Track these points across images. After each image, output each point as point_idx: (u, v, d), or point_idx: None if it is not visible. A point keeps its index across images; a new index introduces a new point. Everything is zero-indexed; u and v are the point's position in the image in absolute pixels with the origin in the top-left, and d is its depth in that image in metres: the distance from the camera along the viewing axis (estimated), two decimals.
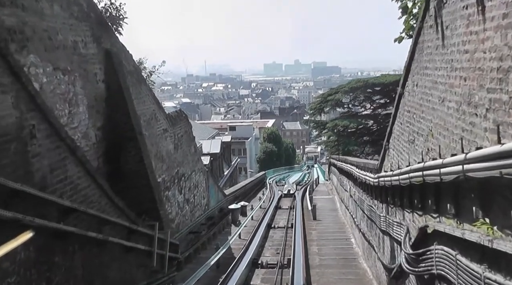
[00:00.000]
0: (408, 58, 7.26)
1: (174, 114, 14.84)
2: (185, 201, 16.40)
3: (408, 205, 7.43)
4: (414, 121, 6.98)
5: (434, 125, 5.85)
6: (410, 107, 7.27)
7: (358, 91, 46.33)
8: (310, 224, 22.14)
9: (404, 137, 7.78)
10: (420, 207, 6.62)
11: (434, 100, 5.80)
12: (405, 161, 7.77)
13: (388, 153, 9.55)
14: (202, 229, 18.73)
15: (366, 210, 13.19)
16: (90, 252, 6.78)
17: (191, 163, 17.17)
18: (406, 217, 7.81)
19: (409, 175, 6.53)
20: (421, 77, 6.55)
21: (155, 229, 9.22)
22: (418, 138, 6.75)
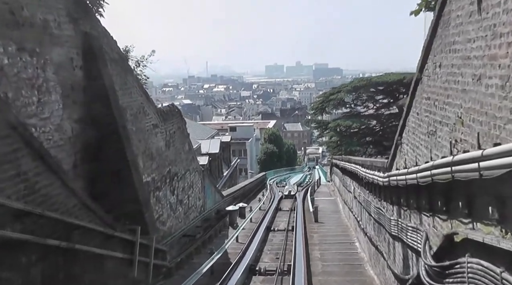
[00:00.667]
0: (428, 36, 6.21)
1: (165, 108, 13.80)
2: (178, 202, 15.35)
3: (428, 207, 6.38)
4: (436, 109, 5.92)
5: (466, 110, 4.79)
6: (431, 93, 6.21)
7: (361, 90, 45.24)
8: (312, 227, 21.08)
9: (422, 129, 6.73)
10: (444, 210, 5.57)
11: (466, 79, 4.75)
12: (423, 156, 6.72)
13: (400, 149, 8.50)
14: (197, 232, 17.67)
15: (373, 212, 12.14)
16: (54, 263, 5.74)
17: (185, 162, 16.12)
18: (424, 221, 6.75)
19: (430, 172, 5.48)
20: (445, 56, 5.49)
21: (137, 234, 8.16)
22: (442, 129, 5.70)
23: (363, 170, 13.74)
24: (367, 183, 13.29)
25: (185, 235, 16.15)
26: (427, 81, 6.36)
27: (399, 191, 8.39)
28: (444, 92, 5.55)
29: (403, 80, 43.55)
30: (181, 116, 15.56)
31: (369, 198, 13.23)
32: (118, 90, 10.13)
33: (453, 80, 5.21)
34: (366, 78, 45.02)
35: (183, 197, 15.95)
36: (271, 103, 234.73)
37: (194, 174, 17.62)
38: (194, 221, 17.51)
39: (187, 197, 16.58)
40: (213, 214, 21.63)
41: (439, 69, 5.77)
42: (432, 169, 5.45)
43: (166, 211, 13.95)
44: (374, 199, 12.19)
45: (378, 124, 49.08)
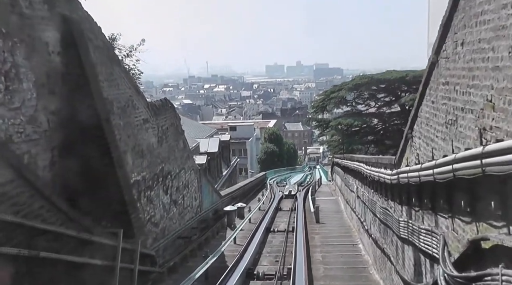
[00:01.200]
0: (447, 11, 5.41)
1: (157, 103, 12.99)
2: (172, 203, 14.55)
3: (446, 208, 5.59)
4: (457, 94, 5.12)
5: (498, 91, 4.00)
6: (450, 77, 5.41)
7: (362, 88, 44.45)
8: (313, 228, 20.28)
9: (438, 119, 5.93)
10: (469, 211, 4.77)
11: (499, 54, 3.95)
12: (439, 150, 5.92)
13: (411, 144, 7.69)
14: (193, 234, 16.88)
15: (379, 213, 11.34)
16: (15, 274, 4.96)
17: (179, 160, 15.32)
18: (440, 223, 5.95)
19: (452, 166, 4.69)
20: (470, 31, 4.69)
21: (119, 238, 7.36)
22: (465, 116, 4.90)
23: (367, 168, 12.94)
24: (371, 181, 12.50)
25: (180, 236, 15.37)
26: (445, 64, 5.56)
27: (410, 190, 7.60)
28: (468, 74, 4.75)
29: (406, 77, 42.78)
30: (175, 111, 14.76)
31: (374, 197, 12.43)
32: (103, 81, 9.35)
33: (480, 58, 4.42)
34: (367, 76, 44.19)
35: (177, 197, 15.16)
36: (272, 103, 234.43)
37: (189, 173, 16.83)
38: (189, 222, 16.72)
39: (182, 197, 15.79)
40: (210, 214, 20.83)
41: (461, 47, 4.97)
42: (454, 163, 4.66)
43: (158, 211, 13.16)
44: (379, 198, 11.39)
45: (379, 122, 48.27)
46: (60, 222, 5.96)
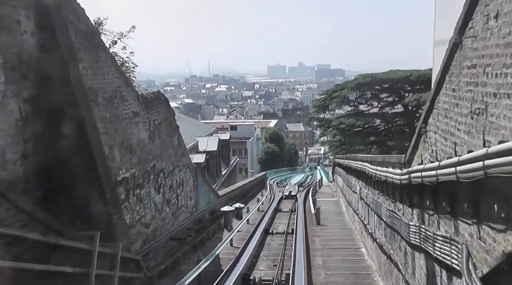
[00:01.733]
0: None
1: (149, 95, 12.16)
2: (165, 202, 13.75)
3: (471, 212, 4.78)
4: (488, 77, 4.31)
5: None
6: (478, 59, 4.60)
7: (365, 87, 43.68)
8: (313, 230, 19.47)
9: (461, 109, 5.11)
10: (503, 218, 3.96)
11: None
12: (462, 145, 5.11)
13: (425, 140, 6.88)
14: (187, 235, 16.07)
15: (385, 216, 10.52)
16: None
17: (174, 157, 14.52)
18: (462, 230, 5.14)
19: (483, 163, 3.89)
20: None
21: (95, 242, 6.55)
22: (498, 103, 4.09)
23: (372, 167, 12.12)
24: (377, 182, 11.69)
25: (174, 238, 14.56)
26: (472, 43, 4.74)
27: (423, 191, 6.78)
28: (505, 51, 3.93)
29: (410, 77, 41.95)
30: (169, 105, 13.93)
31: (379, 199, 11.62)
32: (87, 68, 8.53)
33: None
34: (370, 75, 43.35)
35: (171, 196, 14.36)
36: (273, 103, 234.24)
37: (184, 171, 16.03)
38: (184, 222, 15.91)
39: (176, 196, 14.99)
40: (207, 215, 20.03)
41: (494, 21, 4.16)
42: (485, 159, 3.86)
43: (149, 211, 12.35)
44: (386, 200, 10.58)
45: (382, 123, 47.44)
46: (21, 224, 5.17)
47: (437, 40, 14.50)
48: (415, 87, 43.16)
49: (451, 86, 5.51)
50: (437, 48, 14.08)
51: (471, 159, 4.24)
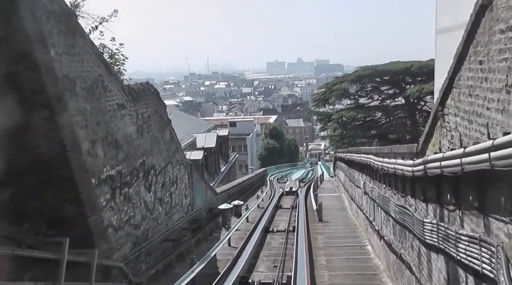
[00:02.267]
0: None
1: (136, 86, 11.27)
2: (157, 201, 12.89)
3: (509, 208, 3.91)
4: None
5: None
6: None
7: (365, 80, 42.74)
8: (316, 227, 18.62)
9: (492, 84, 4.25)
10: None
11: None
12: (494, 126, 4.24)
13: (442, 125, 6.01)
14: (182, 235, 15.24)
15: (394, 212, 9.67)
16: None
17: (166, 153, 13.66)
18: (495, 229, 4.28)
19: None
20: None
21: (63, 250, 5.68)
22: None
23: (377, 159, 11.25)
24: (384, 175, 10.82)
25: (167, 239, 13.72)
26: (508, 1, 3.87)
27: (442, 183, 5.93)
28: None
29: (411, 68, 41.01)
30: (159, 97, 13.03)
31: (386, 193, 10.76)
32: (61, 54, 7.65)
33: None
34: (371, 67, 42.41)
35: (163, 194, 13.50)
36: (273, 100, 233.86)
37: (178, 167, 15.16)
38: (179, 222, 15.06)
39: (169, 194, 14.13)
40: (204, 213, 19.18)
41: None
42: None
43: (139, 211, 11.50)
44: (394, 195, 9.72)
45: (383, 116, 46.55)
46: None
47: (439, 28, 13.75)
48: (416, 78, 42.28)
49: (476, 58, 4.64)
50: (440, 36, 13.33)
51: (507, 142, 3.38)
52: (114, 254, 9.86)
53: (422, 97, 42.39)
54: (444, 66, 13.49)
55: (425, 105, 45.77)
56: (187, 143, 34.16)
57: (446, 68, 12.63)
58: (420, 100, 44.51)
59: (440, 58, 13.55)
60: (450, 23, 11.74)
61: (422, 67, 40.63)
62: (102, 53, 14.07)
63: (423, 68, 40.91)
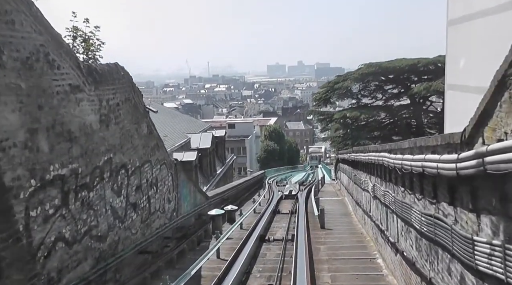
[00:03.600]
0: None
1: (100, 67, 9.22)
2: (130, 207, 10.87)
3: None
4: None
5: None
6: None
7: (369, 78, 40.66)
8: (318, 236, 16.56)
9: None
10: None
11: None
12: None
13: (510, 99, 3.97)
14: (165, 245, 13.22)
15: (418, 221, 7.63)
16: None
17: (142, 150, 11.64)
18: None
19: None
20: None
21: None
22: None
23: (393, 157, 9.20)
24: (402, 176, 8.78)
25: (144, 251, 11.71)
26: None
27: None
28: None
29: (417, 64, 38.94)
30: (132, 83, 10.94)
31: (406, 199, 8.72)
32: None
33: None
34: (375, 64, 40.31)
35: (139, 198, 11.48)
36: (273, 102, 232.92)
37: (159, 167, 13.15)
38: (160, 231, 13.05)
39: (147, 198, 12.11)
40: (192, 220, 17.17)
41: None
42: None
43: (105, 219, 9.48)
44: (418, 200, 7.67)
45: (387, 116, 44.51)
46: None
47: (450, 19, 11.88)
48: (422, 77, 40.29)
49: None
50: (451, 28, 11.88)
51: None
52: (68, 274, 7.87)
53: (429, 96, 40.41)
54: (456, 60, 11.56)
55: (431, 105, 43.80)
56: (180, 144, 32.16)
57: (459, 62, 10.48)
58: (426, 99, 42.50)
59: (452, 51, 12.34)
60: (463, 13, 10.74)
61: (429, 64, 38.64)
62: (75, 37, 12.16)
63: (430, 65, 38.91)
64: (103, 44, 13.82)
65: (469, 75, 10.77)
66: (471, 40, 10.46)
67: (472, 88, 10.10)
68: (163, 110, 41.78)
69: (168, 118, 38.43)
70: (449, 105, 13.30)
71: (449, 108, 13.35)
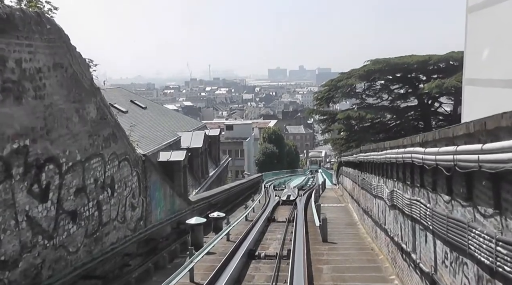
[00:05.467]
0: None
1: (6, 9, 6.34)
2: (65, 216, 7.95)
3: None
4: None
5: None
6: None
7: (375, 75, 37.72)
8: (319, 252, 13.63)
9: None
10: None
11: None
12: None
13: None
14: (124, 265, 10.30)
15: (485, 252, 4.70)
16: None
17: (87, 140, 8.74)
18: None
19: None
20: None
21: None
22: None
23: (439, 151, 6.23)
24: (450, 178, 5.85)
25: (89, 275, 8.79)
26: None
27: None
28: None
29: (428, 61, 36.01)
30: (68, 45, 7.96)
31: (456, 212, 5.79)
32: None
33: None
34: (382, 60, 37.39)
35: (81, 204, 8.56)
36: (273, 106, 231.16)
37: (117, 164, 10.23)
38: (116, 246, 10.12)
39: (96, 204, 9.18)
40: (168, 229, 14.23)
41: None
42: None
43: (15, 236, 6.55)
44: (486, 218, 4.75)
45: (393, 118, 41.62)
46: None
47: (471, 5, 10.91)
48: (431, 76, 37.42)
49: None
50: (471, 15, 11.00)
51: None
52: None
53: (439, 96, 37.58)
54: (477, 51, 10.63)
55: (440, 107, 40.95)
56: (168, 142, 29.16)
57: (481, 54, 9.59)
58: (435, 100, 39.69)
59: (472, 42, 11.26)
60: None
61: (440, 61, 35.78)
62: None
63: (441, 62, 36.07)
64: (55, 10, 11.02)
65: (494, 68, 9.81)
66: (496, 27, 9.58)
67: (498, 81, 9.39)
68: (153, 106, 38.79)
69: (157, 115, 35.51)
70: (467, 102, 12.01)
71: (467, 106, 12.04)
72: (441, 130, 6.32)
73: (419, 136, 7.87)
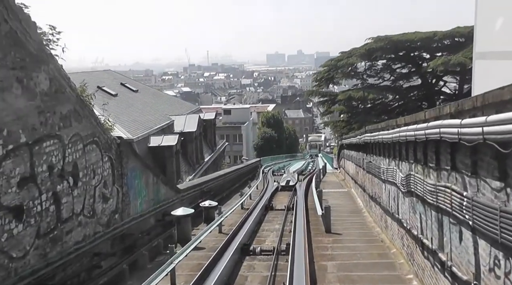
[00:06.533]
0: None
1: None
2: (4, 212, 6.33)
3: None
4: None
5: None
6: None
7: (377, 54, 35.85)
8: (322, 245, 12.05)
9: None
10: None
11: None
12: None
13: None
14: (93, 266, 8.71)
15: None
16: None
17: (37, 118, 7.09)
18: None
19: None
20: None
21: None
22: None
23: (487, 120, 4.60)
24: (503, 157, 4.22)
25: (43, 283, 7.20)
26: None
27: None
28: None
29: (433, 37, 34.13)
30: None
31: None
32: None
33: None
34: (384, 37, 35.54)
35: (29, 197, 6.93)
36: (272, 91, 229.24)
37: (82, 148, 8.59)
38: (84, 245, 8.52)
39: (52, 197, 7.55)
40: (151, 222, 12.64)
41: None
42: None
43: None
44: None
45: (395, 98, 39.88)
46: None
47: None
48: (435, 55, 35.60)
49: None
50: None
51: None
52: None
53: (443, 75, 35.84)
54: (490, 22, 10.19)
55: (444, 86, 39.20)
56: (160, 126, 27.56)
57: (493, 25, 9.30)
58: (439, 79, 37.92)
59: (484, 13, 10.63)
60: None
61: (445, 37, 33.93)
62: None
63: (446, 38, 34.22)
64: (29, 7, 9.40)
65: (508, 39, 9.13)
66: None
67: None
68: (145, 90, 37.06)
69: (149, 99, 33.82)
70: (478, 77, 11.40)
71: (477, 81, 11.40)
72: (489, 93, 4.67)
73: (448, 105, 6.23)
